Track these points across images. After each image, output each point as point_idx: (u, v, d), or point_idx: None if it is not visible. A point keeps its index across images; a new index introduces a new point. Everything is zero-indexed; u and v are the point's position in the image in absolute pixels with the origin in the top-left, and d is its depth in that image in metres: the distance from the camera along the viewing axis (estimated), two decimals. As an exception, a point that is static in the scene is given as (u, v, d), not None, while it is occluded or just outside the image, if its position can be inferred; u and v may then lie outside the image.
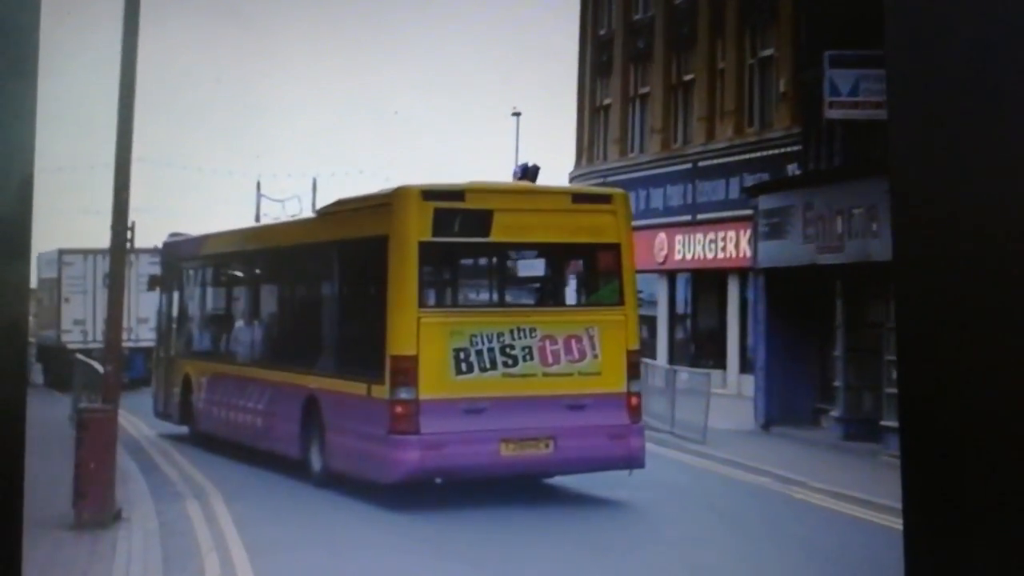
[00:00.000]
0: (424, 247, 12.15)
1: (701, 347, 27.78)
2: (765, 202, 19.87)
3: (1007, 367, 1.56)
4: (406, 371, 11.87)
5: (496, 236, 12.57)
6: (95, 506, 10.80)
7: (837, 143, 18.83)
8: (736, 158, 25.90)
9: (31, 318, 30.13)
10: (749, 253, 22.57)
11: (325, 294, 14.66)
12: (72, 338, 25.45)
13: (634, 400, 12.72)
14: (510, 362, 12.27)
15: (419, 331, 11.99)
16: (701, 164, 27.23)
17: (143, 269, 24.08)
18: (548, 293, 13.66)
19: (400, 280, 12.13)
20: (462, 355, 12.09)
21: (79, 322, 25.69)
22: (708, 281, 27.53)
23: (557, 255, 13.45)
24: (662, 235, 28.36)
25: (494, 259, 13.34)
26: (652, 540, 11.26)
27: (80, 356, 20.51)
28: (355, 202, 13.90)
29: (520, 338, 12.30)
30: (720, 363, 26.16)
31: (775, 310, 19.87)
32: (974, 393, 1.56)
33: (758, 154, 25.07)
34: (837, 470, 14.94)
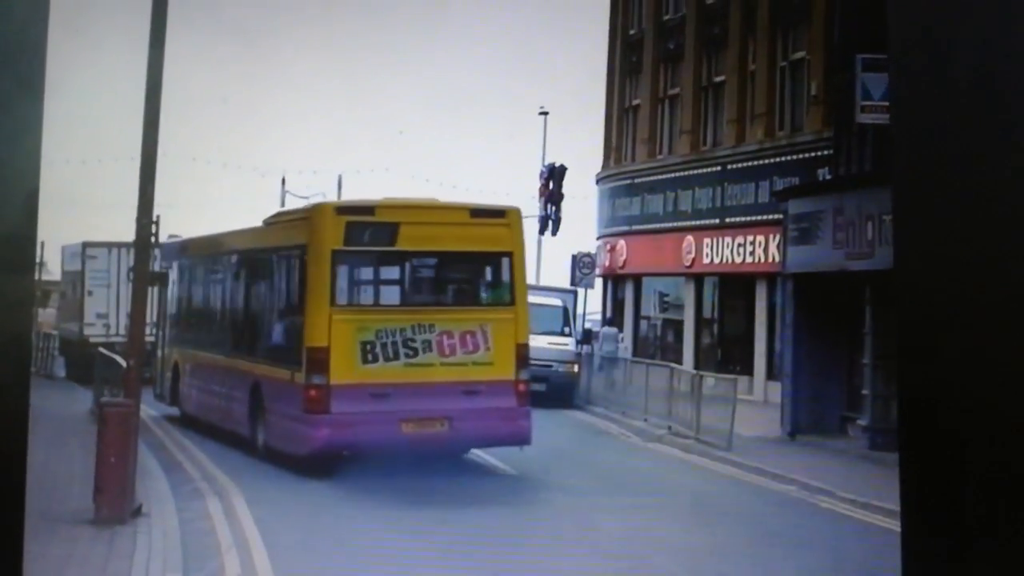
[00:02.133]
0: (336, 255, 14.34)
1: (728, 352, 27.69)
2: (795, 206, 19.78)
3: (1006, 373, 1.56)
4: (319, 360, 13.99)
5: (401, 245, 14.75)
6: (115, 501, 10.77)
7: (868, 148, 18.72)
8: (766, 161, 25.79)
9: (55, 311, 30.20)
10: (778, 258, 22.47)
11: (265, 293, 17.00)
12: (94, 332, 25.52)
13: (521, 386, 14.67)
14: (411, 353, 14.31)
15: (331, 326, 14.08)
16: (731, 167, 27.14)
17: None
18: (447, 294, 15.72)
19: (315, 283, 14.32)
20: (369, 347, 14.16)
21: (102, 316, 25.77)
22: (736, 285, 27.43)
23: (456, 262, 15.58)
24: (689, 238, 28.31)
25: (400, 265, 15.25)
26: (674, 548, 11.23)
27: (102, 350, 20.52)
28: (288, 215, 16.91)
29: (421, 333, 14.37)
30: (747, 369, 26.06)
31: (803, 316, 19.77)
32: (973, 398, 1.56)
33: (788, 157, 24.95)
34: (864, 480, 14.85)
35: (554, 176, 34.60)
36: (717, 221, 27.36)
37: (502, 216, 15.14)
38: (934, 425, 1.59)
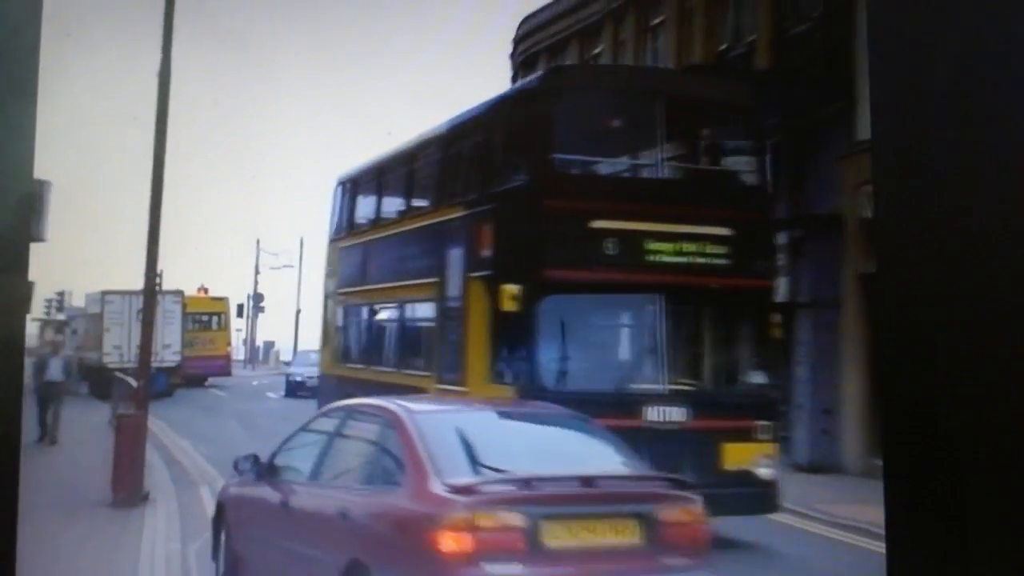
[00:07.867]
0: None
1: None
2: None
3: (990, 376, 1.74)
4: None
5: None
6: (127, 489, 15.17)
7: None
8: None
9: (75, 340, 42.01)
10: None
11: None
12: (111, 359, 37.12)
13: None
14: None
15: None
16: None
17: (168, 306, 37.41)
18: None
19: None
20: None
21: (117, 347, 38.11)
22: None
23: None
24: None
25: None
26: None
27: (118, 373, 27.78)
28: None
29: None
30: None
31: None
32: (956, 402, 1.75)
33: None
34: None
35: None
36: None
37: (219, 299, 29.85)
38: (918, 428, 1.79)
